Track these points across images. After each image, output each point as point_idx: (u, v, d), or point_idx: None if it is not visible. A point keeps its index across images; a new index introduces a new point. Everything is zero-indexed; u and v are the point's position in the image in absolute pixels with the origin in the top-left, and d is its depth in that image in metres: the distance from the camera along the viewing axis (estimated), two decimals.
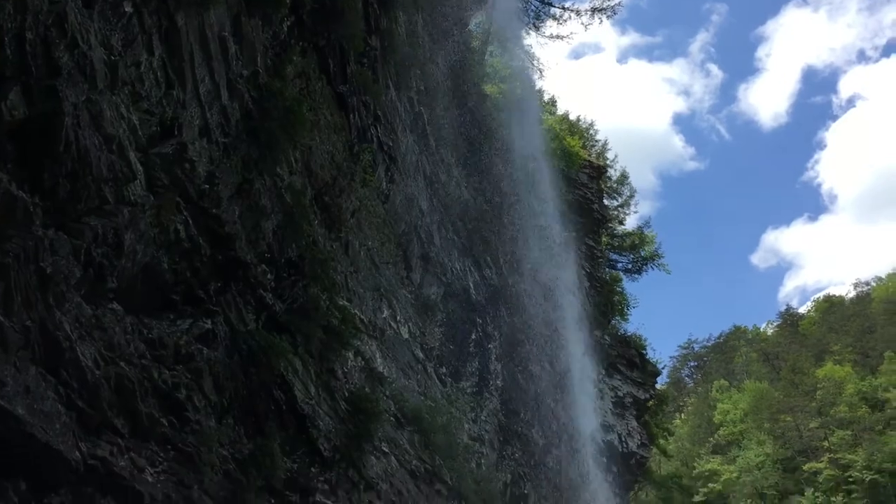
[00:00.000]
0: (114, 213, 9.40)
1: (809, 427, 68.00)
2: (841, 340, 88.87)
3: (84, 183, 8.91)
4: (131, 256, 9.91)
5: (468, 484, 22.75)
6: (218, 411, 11.92)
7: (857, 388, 70.69)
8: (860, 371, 76.40)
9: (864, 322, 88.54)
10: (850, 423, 65.99)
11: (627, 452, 42.81)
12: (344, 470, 16.38)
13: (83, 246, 8.87)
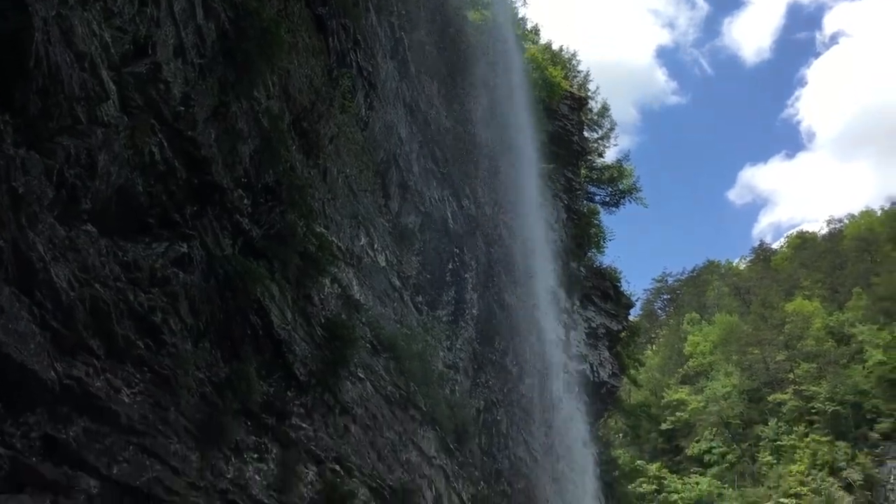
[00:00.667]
0: (87, 133, 9.22)
1: (776, 359, 69.68)
2: (811, 276, 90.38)
3: (56, 101, 8.70)
4: (105, 178, 9.77)
5: (442, 410, 23.17)
6: (194, 335, 11.96)
7: (824, 323, 72.30)
8: (828, 306, 78.01)
9: (835, 259, 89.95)
10: (816, 356, 67.69)
11: (599, 382, 43.70)
12: (320, 394, 16.59)
13: (55, 166, 8.72)
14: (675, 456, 69.47)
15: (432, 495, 22.00)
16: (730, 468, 62.74)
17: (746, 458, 62.49)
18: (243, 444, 13.76)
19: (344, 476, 17.50)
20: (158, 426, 10.98)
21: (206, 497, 12.63)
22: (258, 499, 14.20)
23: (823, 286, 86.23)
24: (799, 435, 60.33)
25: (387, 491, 19.23)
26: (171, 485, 11.62)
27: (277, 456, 14.84)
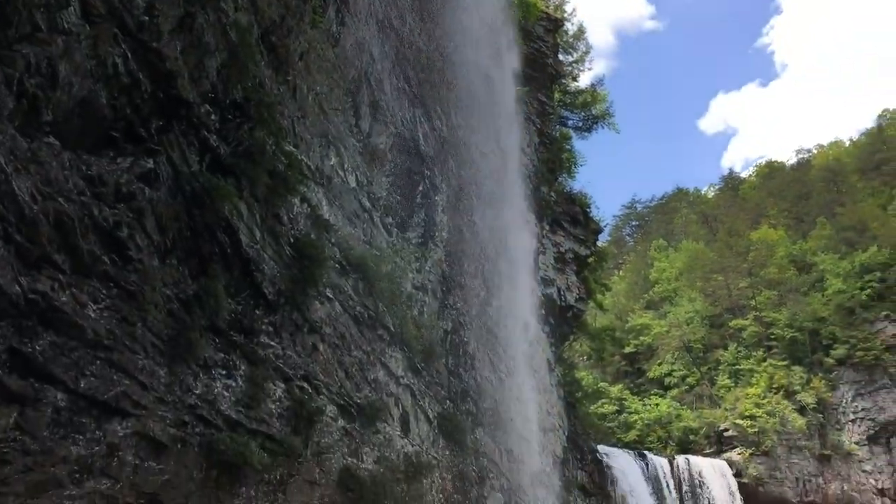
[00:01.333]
0: (47, 41, 8.93)
1: (739, 286, 71.12)
2: (778, 205, 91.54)
3: (14, 7, 8.39)
4: (67, 89, 9.51)
5: (410, 330, 23.44)
6: (161, 251, 11.88)
7: (787, 252, 73.67)
8: (793, 235, 79.35)
9: (802, 188, 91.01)
10: (778, 283, 69.18)
11: (565, 305, 44.36)
12: (288, 313, 16.68)
13: (15, 75, 8.47)
14: (637, 378, 71.31)
15: (399, 413, 22.44)
16: (689, 390, 64.59)
17: (705, 381, 64.31)
18: (211, 361, 13.86)
19: (312, 393, 17.75)
20: (125, 341, 11.00)
21: (174, 411, 12.78)
22: (226, 414, 14.39)
23: (789, 215, 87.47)
24: (757, 359, 62.11)
25: (354, 408, 19.57)
26: (138, 399, 11.73)
27: (245, 373, 14.99)
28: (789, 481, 54.05)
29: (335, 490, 18.03)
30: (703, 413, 59.59)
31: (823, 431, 56.77)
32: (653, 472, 49.40)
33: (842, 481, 54.98)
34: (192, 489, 13.62)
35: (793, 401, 57.03)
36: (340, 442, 18.78)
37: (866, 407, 57.33)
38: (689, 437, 57.83)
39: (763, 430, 54.23)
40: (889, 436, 56.66)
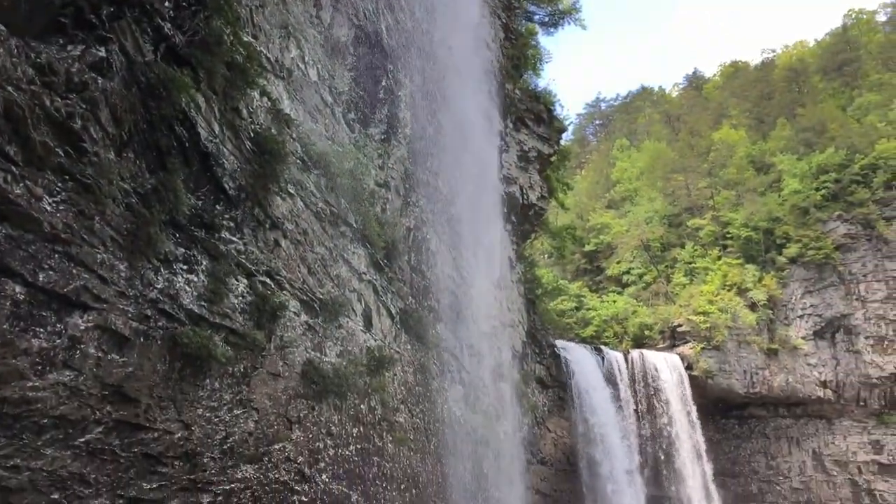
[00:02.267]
0: None
1: (698, 186, 71.89)
2: (740, 105, 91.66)
3: None
4: None
5: (372, 227, 23.48)
6: (117, 144, 11.63)
7: (747, 152, 74.29)
8: (753, 136, 79.85)
9: (765, 88, 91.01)
10: (736, 184, 70.06)
11: (527, 204, 44.58)
12: (249, 209, 16.57)
13: None
14: (596, 276, 72.62)
15: (361, 308, 22.73)
16: (645, 288, 66.04)
17: (662, 279, 65.76)
18: (172, 256, 13.81)
19: (274, 289, 17.85)
20: (84, 235, 10.89)
21: (135, 306, 12.80)
22: (189, 308, 14.45)
23: (751, 116, 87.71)
24: (712, 258, 63.48)
25: (317, 304, 19.76)
26: (99, 293, 11.71)
27: (207, 268, 14.98)
28: (737, 374, 56.28)
29: (299, 382, 18.40)
30: (658, 309, 61.16)
31: (772, 327, 58.80)
32: (608, 366, 51.03)
33: (787, 374, 57.39)
34: (156, 381, 13.80)
35: (745, 297, 58.73)
36: (304, 336, 19.04)
37: (814, 303, 59.38)
38: (644, 333, 59.52)
39: (715, 326, 55.96)
40: (834, 331, 58.99)
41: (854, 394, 58.31)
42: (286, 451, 17.45)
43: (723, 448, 58.00)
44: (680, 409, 51.90)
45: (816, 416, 58.91)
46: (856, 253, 60.30)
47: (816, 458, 58.07)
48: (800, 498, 57.42)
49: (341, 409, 20.00)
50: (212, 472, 15.35)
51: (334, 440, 19.43)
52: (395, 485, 22.18)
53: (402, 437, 23.27)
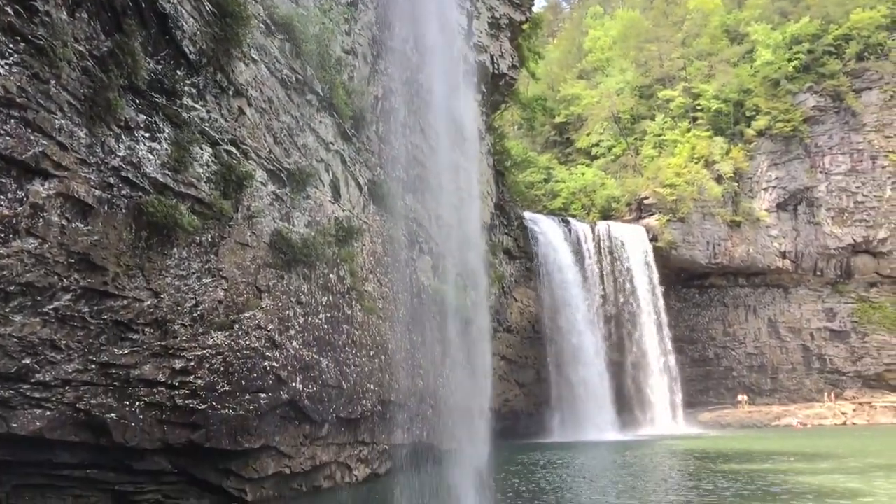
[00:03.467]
0: None
1: (671, 57, 70.92)
2: None
3: None
4: None
5: (339, 96, 23.00)
6: (69, 4, 11.10)
7: (722, 21, 73.01)
8: (728, 4, 78.23)
9: None
10: (709, 54, 69.23)
11: (498, 73, 43.80)
12: (212, 75, 16.10)
13: None
14: (566, 148, 72.44)
15: (329, 178, 22.57)
16: (614, 160, 66.14)
17: (631, 151, 65.82)
18: (133, 123, 13.48)
19: (240, 158, 17.61)
20: (40, 100, 10.55)
21: (98, 173, 12.59)
22: (153, 177, 14.26)
23: None
24: (682, 130, 63.41)
25: (284, 173, 19.58)
26: (59, 160, 11.48)
27: (170, 136, 14.68)
28: (701, 245, 57.46)
29: (267, 252, 18.47)
30: (626, 182, 61.50)
31: (737, 199, 59.59)
32: (575, 237, 51.84)
33: (748, 245, 58.67)
34: (122, 250, 13.77)
35: (711, 170, 59.15)
36: (271, 206, 18.96)
37: (779, 176, 60.05)
38: (611, 205, 60.04)
39: (681, 198, 56.56)
40: (797, 203, 59.99)
41: (812, 264, 60.09)
42: (256, 319, 17.70)
43: (683, 316, 60.05)
44: (643, 279, 53.26)
45: (774, 286, 60.87)
46: (823, 126, 60.67)
47: (772, 326, 60.41)
48: (753, 362, 60.10)
49: (310, 278, 20.19)
50: (183, 339, 15.59)
51: (304, 308, 19.71)
52: (364, 352, 22.73)
53: (371, 306, 23.67)
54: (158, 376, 15.14)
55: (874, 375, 58.26)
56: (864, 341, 58.87)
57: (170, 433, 15.62)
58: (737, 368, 60.29)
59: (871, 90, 60.89)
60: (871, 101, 60.61)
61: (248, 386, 17.37)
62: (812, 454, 29.77)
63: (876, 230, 59.10)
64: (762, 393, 58.89)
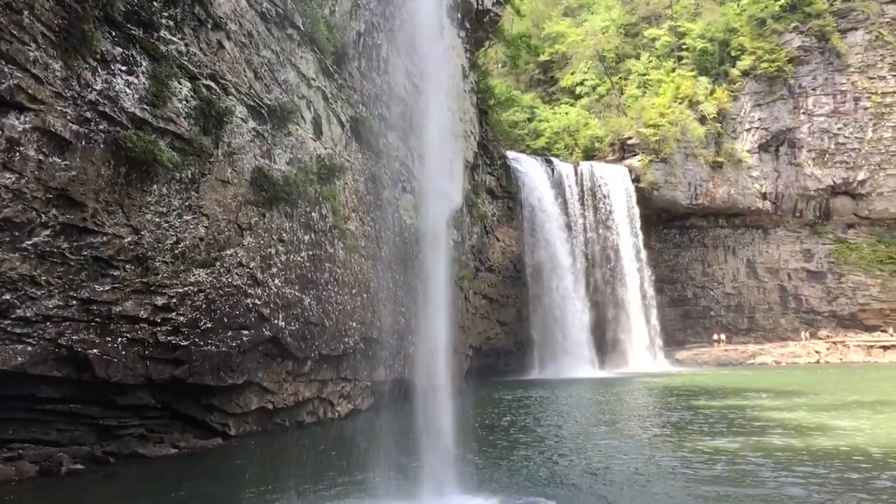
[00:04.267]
0: None
1: None
2: None
3: None
4: None
5: (321, 31, 22.60)
6: None
7: None
8: None
9: None
10: None
11: (482, 9, 43.10)
12: (189, 6, 15.76)
13: None
14: (550, 87, 71.74)
15: (311, 115, 22.33)
16: (598, 100, 65.64)
17: (615, 91, 65.34)
18: (109, 56, 13.23)
19: (220, 93, 17.36)
20: (13, 30, 10.31)
21: (74, 107, 12.39)
22: (130, 112, 14.05)
23: None
24: (667, 70, 62.88)
25: (265, 110, 19.35)
26: (34, 93, 11.28)
27: (148, 69, 14.43)
28: (682, 186, 57.55)
29: (249, 189, 18.37)
30: (609, 122, 61.15)
31: (719, 140, 59.48)
32: (558, 177, 51.77)
33: (730, 186, 58.83)
34: (101, 186, 13.64)
35: (695, 111, 58.89)
36: (252, 143, 18.78)
37: (762, 117, 59.93)
38: (594, 145, 59.78)
39: (664, 139, 56.39)
40: (778, 144, 60.00)
41: (791, 205, 60.52)
42: (238, 257, 17.70)
43: (663, 256, 60.56)
44: (625, 219, 53.52)
45: (754, 227, 61.37)
46: (807, 66, 60.42)
47: (750, 266, 61.09)
48: (731, 302, 60.94)
49: (292, 216, 20.14)
50: (164, 276, 15.59)
51: (286, 246, 19.71)
52: (346, 289, 22.83)
53: (354, 245, 23.69)
54: (140, 313, 15.17)
55: (848, 315, 59.32)
56: (840, 282, 59.76)
57: (153, 369, 15.74)
58: (714, 308, 61.13)
59: (856, 31, 60.53)
60: (855, 41, 60.32)
61: (231, 323, 17.46)
62: (785, 391, 30.46)
63: (856, 172, 59.46)
64: (739, 332, 59.87)
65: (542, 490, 12.41)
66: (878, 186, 59.26)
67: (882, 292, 58.83)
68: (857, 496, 11.52)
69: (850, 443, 16.80)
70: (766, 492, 11.95)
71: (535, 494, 12.00)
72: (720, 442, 17.35)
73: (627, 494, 12.18)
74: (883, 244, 60.28)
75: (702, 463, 14.63)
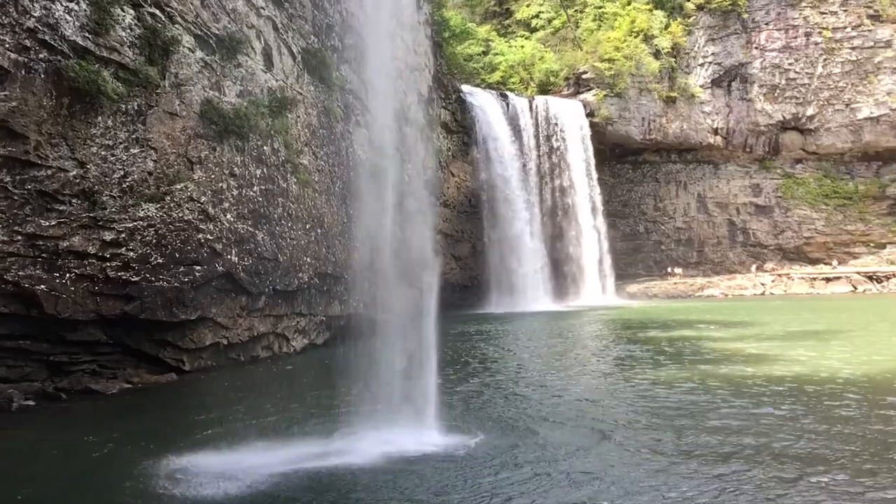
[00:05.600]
0: None
1: None
2: None
3: None
4: None
5: None
6: None
7: None
8: None
9: None
10: None
11: None
12: None
13: None
14: (505, 20, 70.81)
15: (261, 46, 21.78)
16: (554, 33, 65.03)
17: (571, 25, 64.77)
18: None
19: (165, 21, 16.81)
20: None
21: (12, 35, 11.91)
22: (72, 40, 13.56)
23: None
24: (622, 3, 62.46)
25: (213, 39, 18.81)
26: None
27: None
28: (636, 121, 57.78)
29: (198, 122, 17.95)
30: (565, 56, 60.75)
31: (673, 75, 59.62)
32: (513, 112, 51.52)
33: (682, 121, 59.24)
34: (43, 117, 13.22)
35: (650, 45, 58.75)
36: (200, 74, 18.30)
37: (716, 52, 60.07)
38: (549, 80, 59.48)
39: (619, 73, 56.28)
40: (731, 79, 60.38)
41: (742, 140, 61.30)
42: (189, 191, 17.40)
43: (616, 191, 61.14)
44: (579, 154, 53.68)
45: (705, 162, 62.15)
46: (761, 0, 60.48)
47: (700, 201, 62.06)
48: (681, 236, 62.04)
49: (243, 150, 19.79)
50: (112, 211, 15.28)
51: (238, 181, 19.41)
52: (300, 224, 22.66)
53: (307, 179, 23.43)
54: (88, 248, 14.90)
55: (794, 248, 60.88)
56: (787, 216, 61.12)
57: (103, 305, 15.55)
58: (665, 242, 62.19)
59: None
60: None
61: (183, 258, 17.26)
62: (732, 322, 31.35)
63: (805, 107, 60.25)
64: (688, 265, 61.08)
65: (504, 423, 12.67)
66: (826, 122, 60.20)
67: (826, 226, 60.41)
68: (804, 422, 11.99)
69: (796, 371, 17.42)
70: (716, 420, 12.35)
71: (496, 427, 12.23)
72: (670, 371, 17.85)
73: (591, 423, 12.48)
74: (829, 179, 61.61)
75: (647, 393, 15.05)
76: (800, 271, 58.10)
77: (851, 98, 59.33)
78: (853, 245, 60.00)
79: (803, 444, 10.50)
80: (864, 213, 60.18)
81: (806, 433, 11.09)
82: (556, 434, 11.57)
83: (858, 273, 55.54)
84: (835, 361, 18.73)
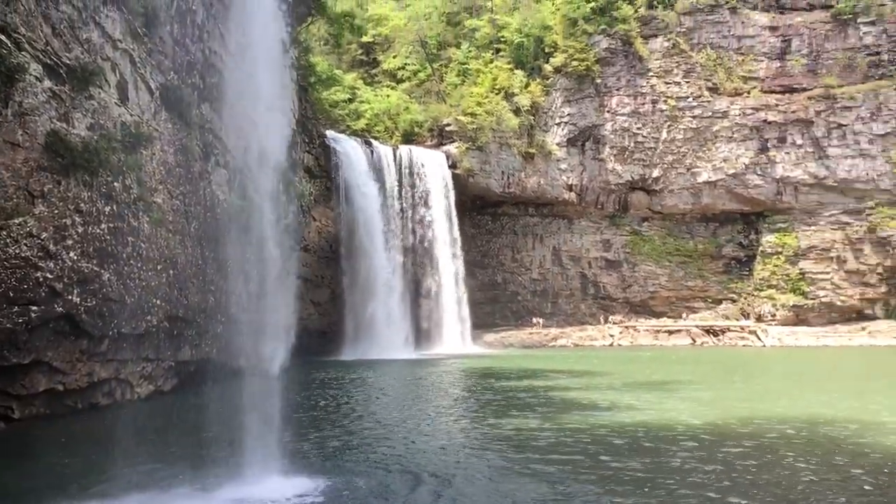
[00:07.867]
0: None
1: None
2: None
3: None
4: None
5: None
6: None
7: None
8: None
9: None
10: None
11: None
12: None
13: None
14: (372, 69, 71.64)
15: (116, 79, 21.01)
16: (419, 85, 66.39)
17: (436, 78, 66.33)
18: None
19: (11, 48, 15.99)
20: None
21: None
22: None
23: None
24: (485, 60, 64.53)
25: (63, 69, 18.00)
26: None
27: None
28: (496, 174, 59.58)
29: (42, 154, 17.01)
30: (429, 108, 62.06)
31: (532, 132, 61.99)
32: (377, 159, 51.88)
33: (540, 177, 61.56)
34: None
35: (511, 102, 60.98)
36: (47, 104, 17.41)
37: (571, 112, 63.05)
38: (414, 130, 60.46)
39: (481, 128, 58.03)
40: (585, 139, 63.40)
41: (594, 198, 64.29)
42: (28, 226, 16.39)
43: (475, 242, 62.47)
44: (441, 204, 54.60)
45: (560, 217, 64.67)
46: (613, 68, 64.07)
47: (555, 254, 64.38)
48: (537, 287, 63.98)
49: (92, 185, 18.88)
50: None
51: (84, 217, 18.46)
52: (151, 265, 21.76)
53: (160, 218, 22.59)
54: None
55: (640, 302, 64.03)
56: (634, 271, 64.32)
57: None
58: (522, 293, 63.92)
59: (656, 37, 64.86)
60: (655, 48, 64.64)
61: (18, 297, 16.17)
62: (581, 371, 32.47)
63: (651, 169, 63.93)
64: (543, 316, 62.89)
65: (357, 470, 12.52)
66: (670, 184, 64.09)
67: (669, 281, 64.03)
68: (641, 460, 12.50)
69: (637, 419, 18.19)
70: (558, 463, 12.69)
71: (348, 474, 12.08)
72: (520, 420, 18.22)
73: (436, 469, 12.53)
74: (672, 237, 65.46)
75: (500, 439, 15.30)
76: (645, 324, 61.07)
77: (692, 163, 63.49)
78: (693, 300, 63.81)
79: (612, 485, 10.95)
80: (702, 271, 64.23)
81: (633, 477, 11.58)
82: (397, 480, 11.62)
83: (698, 326, 58.98)
84: (673, 412, 19.73)
